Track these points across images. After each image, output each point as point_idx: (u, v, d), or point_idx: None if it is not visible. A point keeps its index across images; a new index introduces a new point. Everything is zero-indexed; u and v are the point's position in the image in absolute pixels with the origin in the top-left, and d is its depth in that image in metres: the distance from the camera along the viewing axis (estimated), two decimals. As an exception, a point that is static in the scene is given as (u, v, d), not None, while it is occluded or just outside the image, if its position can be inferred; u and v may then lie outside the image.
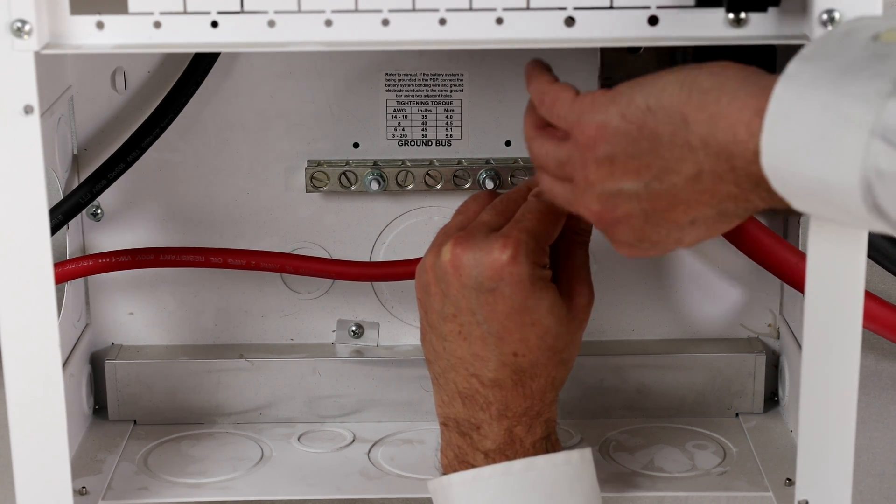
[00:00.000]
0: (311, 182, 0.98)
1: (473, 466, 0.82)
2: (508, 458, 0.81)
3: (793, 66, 0.65)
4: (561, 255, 0.83)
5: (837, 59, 0.64)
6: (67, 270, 0.95)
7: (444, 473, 0.84)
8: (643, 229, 0.73)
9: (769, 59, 0.78)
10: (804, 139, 0.63)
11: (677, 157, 0.70)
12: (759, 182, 0.67)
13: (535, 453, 0.82)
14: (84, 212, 0.99)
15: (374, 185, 0.97)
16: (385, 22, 0.76)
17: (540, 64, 0.80)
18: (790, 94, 0.64)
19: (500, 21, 0.76)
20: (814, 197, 0.65)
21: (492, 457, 0.82)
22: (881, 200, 0.62)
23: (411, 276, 0.88)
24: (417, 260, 0.83)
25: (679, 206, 0.71)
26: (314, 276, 0.99)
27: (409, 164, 0.98)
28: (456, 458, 0.83)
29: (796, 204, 0.67)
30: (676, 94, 0.69)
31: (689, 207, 0.71)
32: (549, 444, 0.83)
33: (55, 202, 0.93)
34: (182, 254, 0.97)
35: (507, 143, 0.99)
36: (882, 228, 0.64)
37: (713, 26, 0.76)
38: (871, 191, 0.61)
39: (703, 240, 0.74)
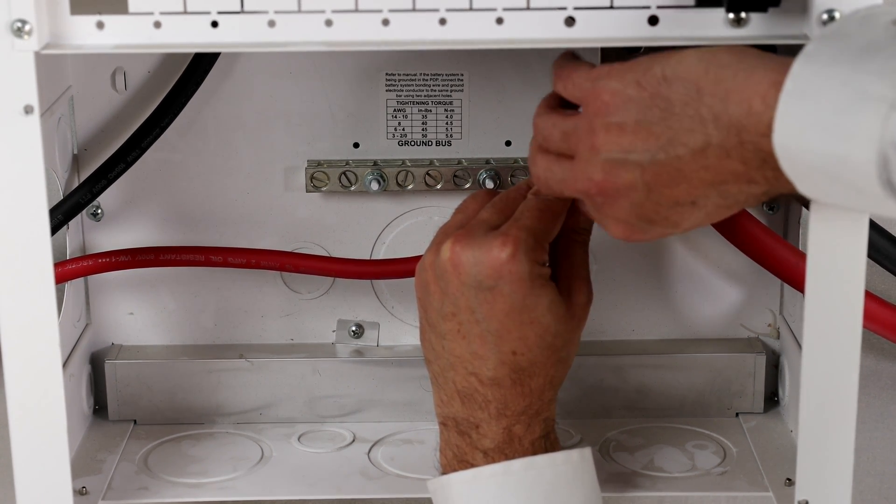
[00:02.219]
0: (311, 182, 0.98)
1: (473, 466, 0.82)
2: (507, 457, 0.81)
3: (811, 46, 0.66)
4: (560, 254, 0.83)
5: (857, 39, 0.64)
6: (67, 270, 0.95)
7: (444, 473, 0.84)
8: (643, 205, 0.73)
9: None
10: (820, 115, 0.63)
11: (686, 127, 0.70)
12: (767, 159, 0.67)
13: (534, 452, 0.82)
14: (84, 212, 0.99)
15: (375, 185, 0.97)
16: (385, 22, 0.76)
17: (569, 51, 0.80)
18: (808, 72, 0.64)
19: (500, 21, 0.76)
20: (823, 176, 0.65)
21: (491, 456, 0.82)
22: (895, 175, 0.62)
23: (411, 273, 0.88)
24: (417, 258, 0.83)
25: (682, 182, 0.71)
26: (314, 274, 0.99)
27: (409, 164, 0.98)
28: (455, 458, 0.83)
29: (801, 185, 0.67)
30: (694, 66, 0.70)
31: (692, 186, 0.71)
32: (548, 442, 0.83)
33: (55, 202, 0.93)
34: (182, 253, 0.97)
35: (507, 143, 0.99)
36: (891, 208, 0.64)
37: (713, 26, 0.76)
38: (888, 165, 0.61)
39: (699, 226, 0.74)
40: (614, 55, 0.84)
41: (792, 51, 0.68)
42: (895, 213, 0.64)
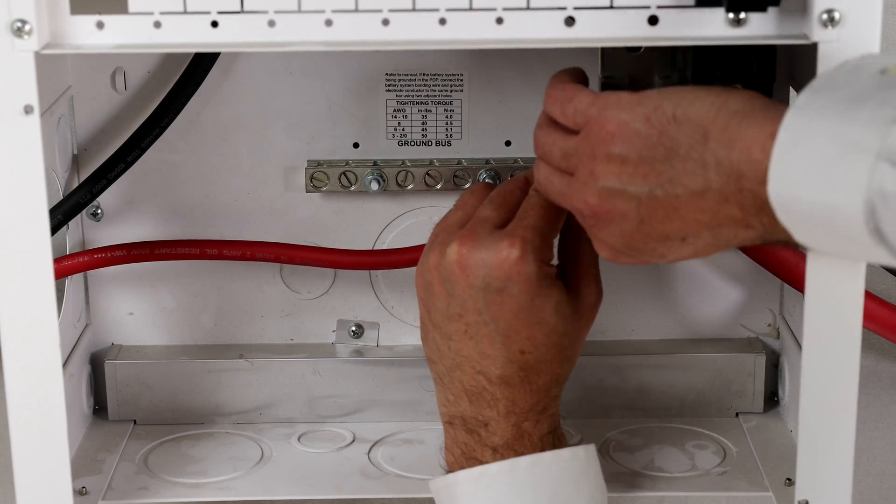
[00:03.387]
0: (311, 182, 0.98)
1: (482, 462, 0.82)
2: (517, 452, 0.81)
3: (802, 98, 0.67)
4: (569, 253, 0.83)
5: (845, 89, 0.65)
6: (64, 267, 0.95)
7: (450, 471, 0.84)
8: (633, 235, 0.74)
9: (769, 59, 0.78)
10: (811, 165, 0.64)
11: (688, 169, 0.70)
12: (764, 207, 0.68)
13: (543, 447, 0.82)
14: (84, 212, 0.99)
15: (374, 185, 0.97)
16: (385, 22, 0.76)
17: (563, 72, 0.80)
18: (799, 123, 0.66)
19: (500, 21, 0.76)
20: (816, 224, 0.65)
21: (500, 452, 0.82)
22: (883, 224, 0.62)
23: (408, 264, 0.88)
24: (415, 248, 0.83)
25: (676, 219, 0.72)
26: (311, 265, 0.98)
27: (409, 164, 0.98)
28: (463, 455, 0.83)
29: (797, 234, 0.68)
30: (706, 110, 0.70)
31: (686, 224, 0.72)
32: (555, 437, 0.83)
33: (55, 202, 0.93)
34: (177, 246, 0.97)
35: (507, 143, 0.99)
36: (882, 256, 0.65)
37: (713, 26, 0.76)
38: (875, 214, 0.62)
39: (686, 259, 0.74)
40: (614, 55, 0.84)
41: (792, 50, 0.68)
42: (886, 260, 0.65)
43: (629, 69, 0.85)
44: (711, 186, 0.70)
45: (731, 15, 0.75)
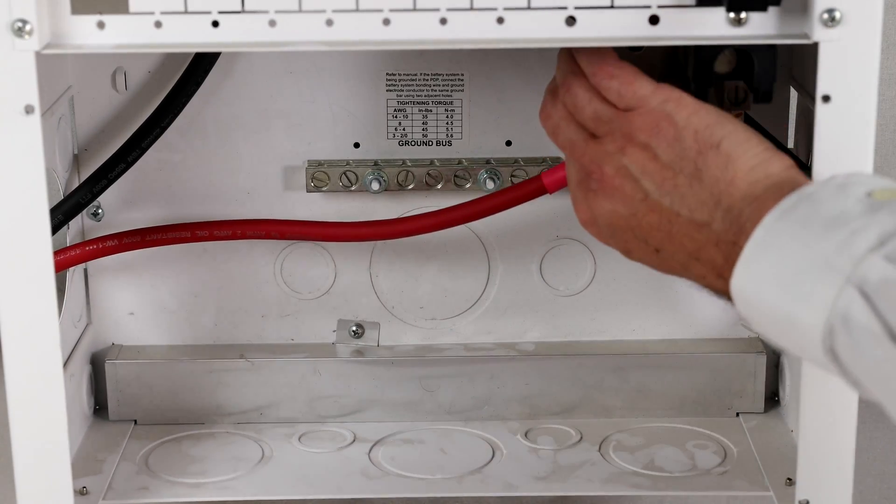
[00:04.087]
0: (312, 182, 0.98)
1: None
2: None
3: (788, 201, 0.66)
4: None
5: (829, 205, 0.65)
6: (58, 261, 0.94)
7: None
8: (619, 219, 0.74)
9: (770, 59, 0.78)
10: (780, 271, 0.64)
11: (702, 199, 0.71)
12: None
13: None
14: (84, 212, 0.99)
15: (375, 185, 0.97)
16: (386, 21, 0.76)
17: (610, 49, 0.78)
18: (778, 227, 0.65)
19: (500, 21, 0.76)
20: (772, 324, 0.66)
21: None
22: (839, 347, 0.62)
23: (401, 234, 0.88)
24: (407, 218, 0.82)
25: (664, 232, 0.73)
26: (302, 239, 0.98)
27: (409, 164, 0.98)
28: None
29: (753, 325, 0.68)
30: (749, 160, 0.70)
31: (669, 240, 0.72)
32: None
33: (55, 202, 0.93)
34: (167, 231, 0.97)
35: (508, 143, 0.99)
36: (833, 372, 0.64)
37: (714, 25, 0.76)
38: (832, 335, 0.62)
39: (646, 265, 0.75)
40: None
41: (793, 51, 0.68)
42: (837, 376, 0.64)
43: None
44: (712, 225, 0.70)
45: (731, 14, 0.75)
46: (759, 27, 0.75)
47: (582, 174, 0.77)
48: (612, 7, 0.76)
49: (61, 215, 0.93)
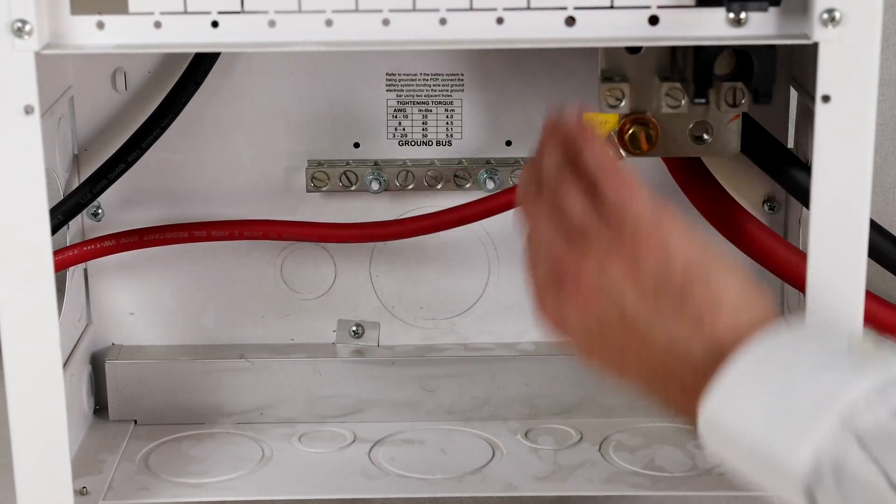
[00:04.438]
0: (312, 182, 0.98)
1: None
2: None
3: (774, 339, 0.63)
4: None
5: (818, 345, 0.62)
6: (57, 261, 0.94)
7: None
8: (588, 323, 0.69)
9: (770, 60, 0.78)
10: (765, 403, 0.61)
11: (681, 332, 0.66)
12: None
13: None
14: (84, 212, 0.99)
15: (375, 185, 0.97)
16: (385, 22, 0.76)
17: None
18: (765, 350, 0.63)
19: (500, 21, 0.76)
20: (743, 456, 0.63)
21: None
22: (821, 495, 0.59)
23: (398, 236, 0.87)
24: (405, 220, 0.82)
25: (634, 352, 0.68)
26: (298, 240, 0.98)
27: (409, 164, 0.98)
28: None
29: (720, 455, 0.65)
30: (727, 292, 0.66)
31: (638, 362, 0.68)
32: None
33: (55, 202, 0.93)
34: (165, 231, 0.97)
35: (508, 143, 0.99)
36: None
37: (714, 26, 0.75)
38: (820, 480, 0.59)
39: (603, 374, 0.70)
40: (614, 55, 0.84)
41: (793, 51, 0.68)
42: None
43: (629, 70, 0.85)
44: (689, 359, 0.66)
45: (731, 15, 0.75)
46: (759, 27, 0.75)
47: (556, 275, 0.70)
48: (611, 7, 0.76)
49: (61, 215, 0.93)
